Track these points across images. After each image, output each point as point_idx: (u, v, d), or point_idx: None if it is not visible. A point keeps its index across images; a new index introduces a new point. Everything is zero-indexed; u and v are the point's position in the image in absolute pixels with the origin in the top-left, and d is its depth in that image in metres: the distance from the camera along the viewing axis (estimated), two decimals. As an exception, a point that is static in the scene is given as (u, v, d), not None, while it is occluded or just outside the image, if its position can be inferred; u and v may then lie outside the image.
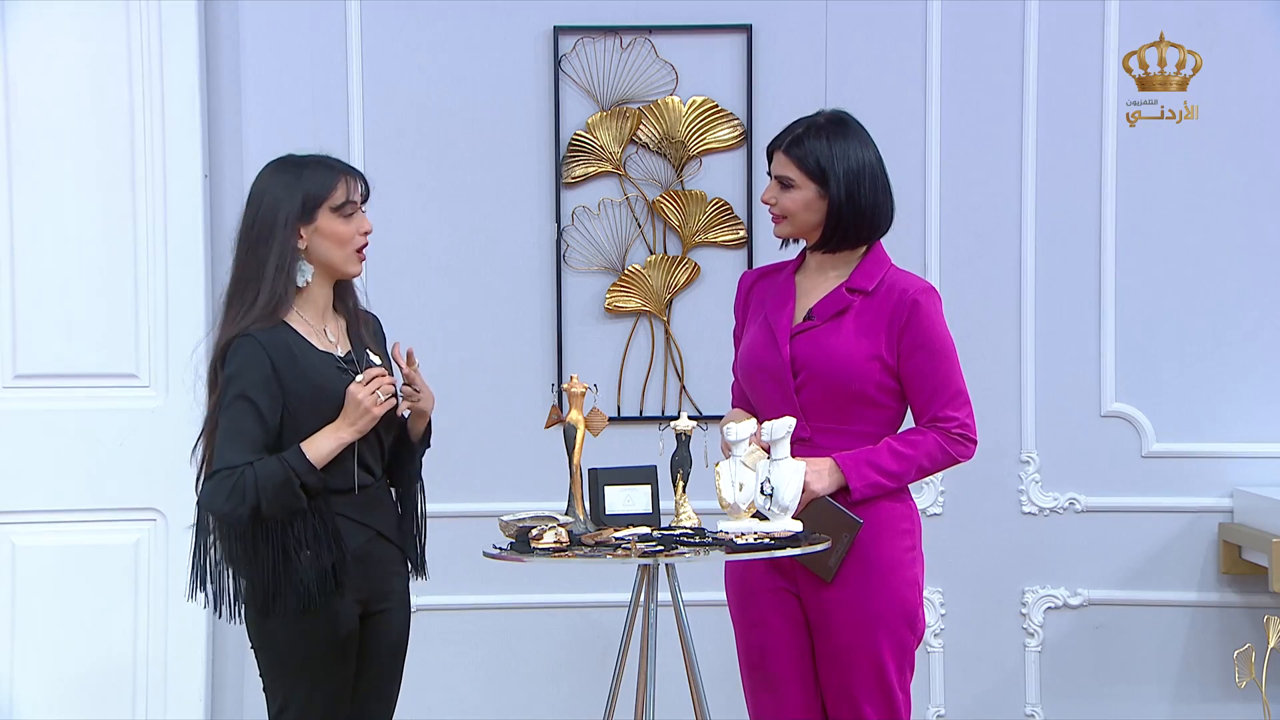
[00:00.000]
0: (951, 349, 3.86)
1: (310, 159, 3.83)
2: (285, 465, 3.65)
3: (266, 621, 3.72)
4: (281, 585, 3.67)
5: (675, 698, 4.15)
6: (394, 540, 3.86)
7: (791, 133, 3.91)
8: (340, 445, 3.70)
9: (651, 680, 3.65)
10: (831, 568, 3.79)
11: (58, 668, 5.20)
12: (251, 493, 3.62)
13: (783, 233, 3.94)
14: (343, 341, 3.84)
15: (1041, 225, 5.38)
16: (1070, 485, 5.41)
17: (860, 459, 3.79)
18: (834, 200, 3.85)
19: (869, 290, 3.85)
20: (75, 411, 5.23)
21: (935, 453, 3.82)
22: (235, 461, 3.64)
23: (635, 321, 5.39)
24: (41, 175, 5.22)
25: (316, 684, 3.73)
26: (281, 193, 3.75)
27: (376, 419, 3.72)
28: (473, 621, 5.38)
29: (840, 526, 3.76)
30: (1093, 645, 5.41)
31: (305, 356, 3.72)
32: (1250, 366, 5.37)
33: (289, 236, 3.73)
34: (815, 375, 3.82)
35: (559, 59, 5.33)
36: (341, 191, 3.78)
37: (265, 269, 3.72)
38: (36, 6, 5.20)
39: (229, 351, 3.71)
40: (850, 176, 3.85)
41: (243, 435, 3.66)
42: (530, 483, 5.11)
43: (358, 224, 3.80)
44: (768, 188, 3.93)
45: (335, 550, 3.69)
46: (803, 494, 3.72)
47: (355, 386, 3.70)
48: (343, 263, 3.79)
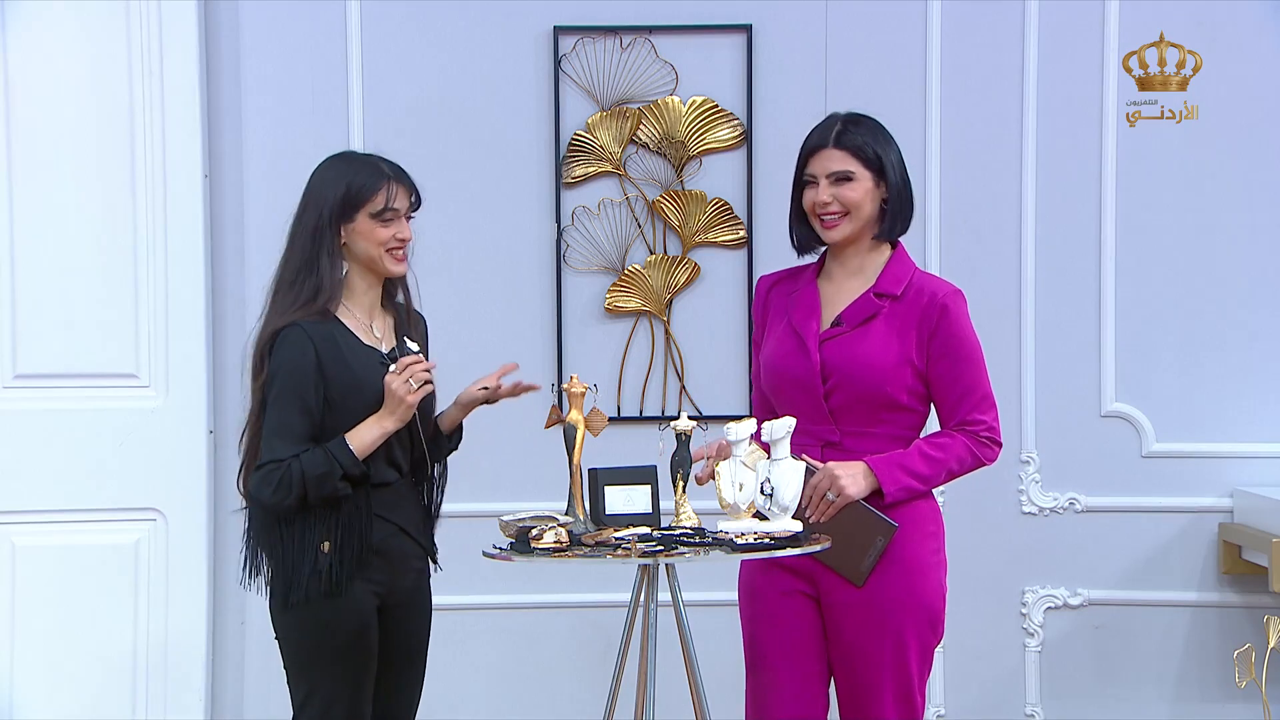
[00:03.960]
0: (979, 352, 3.85)
1: (364, 159, 3.91)
2: (330, 457, 3.73)
3: (286, 613, 3.78)
4: (301, 575, 3.74)
5: (675, 698, 4.15)
6: (416, 537, 3.91)
7: (831, 129, 3.86)
8: (384, 435, 3.77)
9: (651, 680, 3.65)
10: (864, 572, 3.78)
11: (58, 668, 5.20)
12: (298, 485, 3.71)
13: (842, 233, 3.84)
14: (389, 338, 3.91)
15: (1041, 225, 5.38)
16: (1070, 485, 5.41)
17: (893, 462, 3.78)
18: (893, 186, 3.84)
19: (897, 294, 3.84)
20: (75, 411, 5.23)
21: (964, 456, 3.82)
22: (282, 455, 3.73)
23: (635, 321, 5.39)
24: (41, 175, 5.22)
25: (337, 677, 3.77)
26: (328, 190, 3.83)
27: (414, 406, 3.77)
28: (473, 621, 5.38)
29: (874, 530, 3.75)
30: (1093, 645, 5.41)
31: (350, 350, 3.80)
32: (1250, 366, 5.37)
33: (332, 233, 3.81)
34: (846, 381, 3.81)
35: (559, 59, 5.33)
36: (382, 198, 3.83)
37: (318, 262, 3.80)
38: (36, 6, 5.20)
39: (277, 341, 3.77)
40: (899, 162, 3.86)
41: (290, 429, 3.74)
42: (530, 483, 5.11)
43: (396, 229, 3.85)
44: (819, 189, 3.83)
45: (358, 543, 3.76)
46: (839, 498, 3.72)
47: (390, 376, 3.76)
48: (378, 262, 3.85)
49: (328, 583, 3.74)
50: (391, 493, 3.85)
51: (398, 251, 3.86)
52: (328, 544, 3.75)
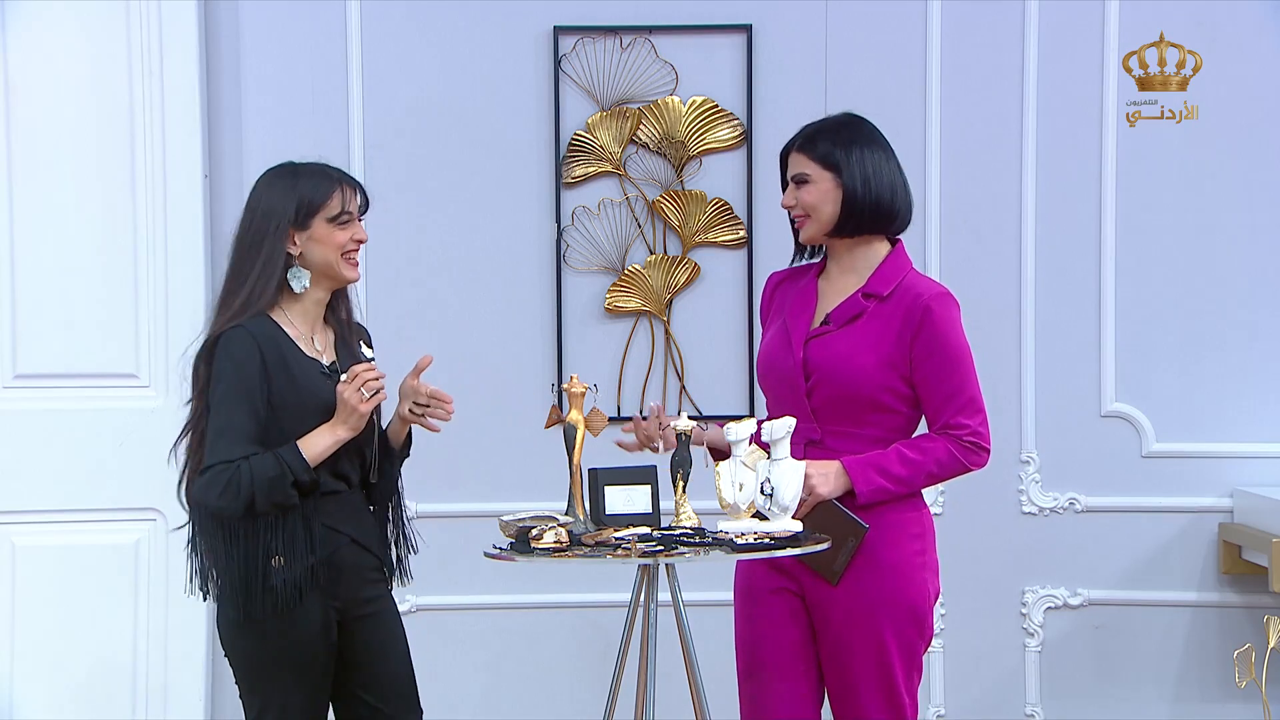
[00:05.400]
0: (966, 356, 3.83)
1: (309, 167, 3.83)
2: (281, 462, 3.65)
3: (236, 628, 3.72)
4: (252, 591, 3.67)
5: (675, 698, 4.15)
6: (369, 548, 3.84)
7: (801, 133, 3.92)
8: (337, 443, 3.70)
9: (651, 680, 3.65)
10: (836, 571, 3.78)
11: (58, 667, 5.20)
12: (246, 488, 3.63)
13: (807, 234, 3.89)
14: (329, 352, 3.84)
15: (1041, 225, 5.38)
16: (1070, 485, 5.41)
17: (868, 463, 3.78)
18: (848, 186, 3.84)
19: (884, 295, 3.84)
20: (75, 411, 5.23)
21: (945, 459, 3.80)
22: (230, 456, 3.64)
23: (635, 321, 5.39)
24: (41, 175, 5.22)
25: (290, 692, 3.72)
26: (277, 200, 3.76)
27: (366, 415, 3.72)
28: (473, 621, 5.38)
29: (846, 531, 3.75)
30: (1093, 645, 5.41)
31: (293, 356, 3.73)
32: (1250, 366, 5.37)
33: (280, 242, 3.74)
34: (826, 379, 3.81)
35: (559, 59, 5.33)
36: (337, 201, 3.78)
37: (248, 275, 3.73)
38: (36, 6, 5.20)
39: (219, 343, 3.70)
40: (861, 162, 3.85)
41: (237, 430, 3.66)
42: (530, 483, 5.11)
43: (353, 230, 3.80)
44: (786, 193, 3.91)
45: (309, 556, 3.69)
46: (809, 497, 3.72)
47: (343, 385, 3.70)
48: (335, 267, 3.78)
49: (280, 598, 3.66)
50: (338, 503, 3.77)
51: (353, 255, 3.80)
52: (278, 558, 3.66)
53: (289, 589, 3.67)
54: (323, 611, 3.73)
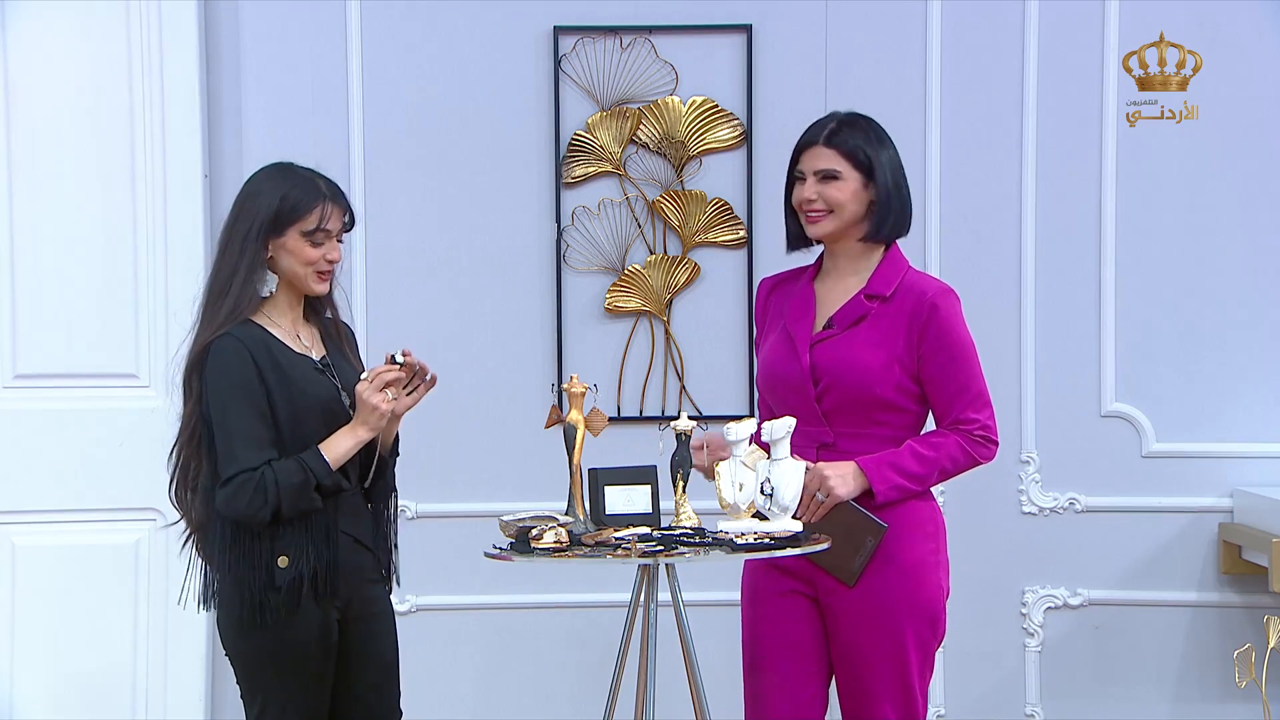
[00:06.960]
0: (972, 351, 3.83)
1: (302, 174, 3.81)
2: (304, 467, 3.65)
3: (238, 627, 3.71)
4: (258, 593, 3.66)
5: (675, 698, 4.15)
6: (369, 547, 3.84)
7: (825, 127, 3.87)
8: (358, 444, 3.71)
9: (651, 680, 3.65)
10: (855, 572, 3.78)
11: (58, 668, 5.21)
12: (273, 494, 3.62)
13: (824, 230, 3.85)
14: (317, 347, 3.83)
15: (1041, 225, 5.38)
16: (1070, 485, 5.41)
17: (883, 462, 3.77)
18: (881, 188, 3.83)
19: (887, 295, 3.83)
20: (75, 411, 5.23)
21: (957, 454, 3.81)
22: (251, 463, 3.63)
23: (635, 321, 5.39)
24: (41, 175, 5.22)
25: (290, 692, 3.72)
26: (262, 200, 3.75)
27: (387, 415, 3.72)
28: (473, 621, 5.38)
29: (864, 531, 3.75)
30: (1093, 645, 5.41)
31: (282, 354, 3.72)
32: (1250, 367, 5.37)
33: (259, 245, 3.73)
34: (836, 383, 3.81)
35: (559, 59, 5.33)
36: (315, 217, 3.75)
37: (234, 278, 3.72)
38: (36, 6, 5.20)
39: (210, 353, 3.69)
40: (893, 165, 3.85)
41: (253, 436, 3.65)
42: (530, 483, 5.11)
43: (326, 250, 3.77)
44: (805, 186, 3.85)
45: (317, 557, 3.69)
46: (828, 498, 3.72)
47: (362, 385, 3.71)
48: (303, 280, 3.77)
49: (288, 599, 3.65)
50: (340, 503, 3.76)
51: (324, 272, 3.79)
52: (285, 559, 3.66)
53: (294, 590, 3.67)
54: (324, 611, 3.73)
